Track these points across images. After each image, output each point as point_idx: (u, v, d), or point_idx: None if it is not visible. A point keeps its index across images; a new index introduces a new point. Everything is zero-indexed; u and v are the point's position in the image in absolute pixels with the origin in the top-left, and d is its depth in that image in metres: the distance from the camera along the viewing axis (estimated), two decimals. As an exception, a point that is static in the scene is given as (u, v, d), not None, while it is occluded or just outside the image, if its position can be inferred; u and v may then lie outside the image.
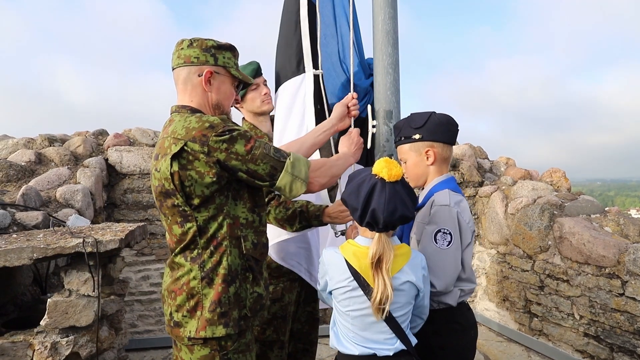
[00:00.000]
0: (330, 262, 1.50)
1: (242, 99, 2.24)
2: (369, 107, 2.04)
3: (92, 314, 2.05)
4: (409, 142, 1.73)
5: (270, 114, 2.34)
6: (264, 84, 2.27)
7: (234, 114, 1.95)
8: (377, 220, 1.38)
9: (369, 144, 2.01)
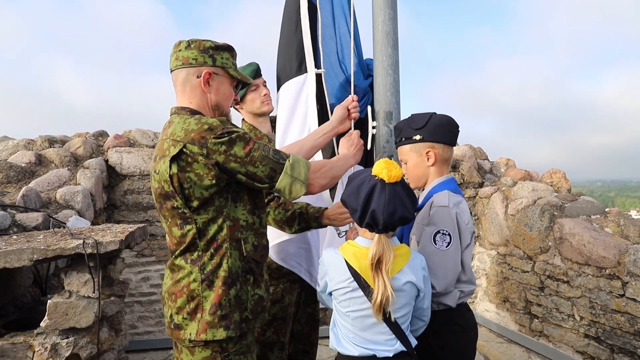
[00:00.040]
0: (330, 262, 1.51)
1: (241, 100, 2.24)
2: (369, 108, 2.04)
3: (92, 315, 2.05)
4: (410, 143, 1.73)
5: (270, 114, 2.34)
6: (264, 85, 2.27)
7: (233, 115, 1.95)
8: (376, 221, 1.39)
9: (369, 145, 2.01)
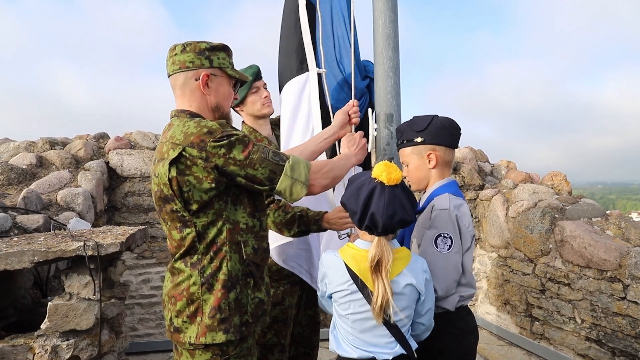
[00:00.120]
0: (329, 265, 1.50)
1: (242, 102, 2.24)
2: (369, 110, 2.04)
3: (92, 317, 2.05)
4: (411, 145, 1.72)
5: (270, 117, 2.34)
6: (264, 88, 2.27)
7: (233, 117, 1.94)
8: (376, 223, 1.38)
9: (369, 147, 2.01)
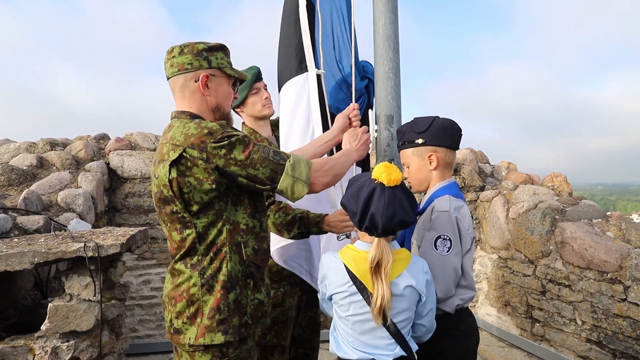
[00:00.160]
0: (329, 266, 1.50)
1: (242, 103, 2.24)
2: (370, 111, 2.04)
3: (93, 318, 2.05)
4: (412, 146, 1.72)
5: (270, 118, 2.34)
6: (265, 89, 2.27)
7: (234, 118, 1.94)
8: (375, 224, 1.38)
9: (370, 148, 2.01)
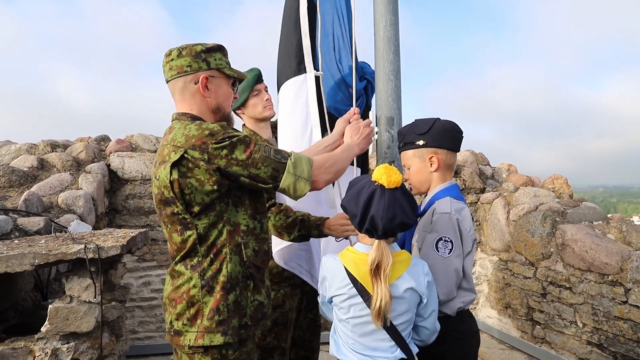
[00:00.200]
0: (329, 269, 1.50)
1: (243, 104, 2.24)
2: (370, 113, 2.04)
3: (93, 320, 2.05)
4: (413, 148, 1.71)
5: (271, 120, 2.34)
6: (265, 90, 2.27)
7: (234, 119, 1.94)
8: (376, 226, 1.38)
9: (370, 150, 2.00)
